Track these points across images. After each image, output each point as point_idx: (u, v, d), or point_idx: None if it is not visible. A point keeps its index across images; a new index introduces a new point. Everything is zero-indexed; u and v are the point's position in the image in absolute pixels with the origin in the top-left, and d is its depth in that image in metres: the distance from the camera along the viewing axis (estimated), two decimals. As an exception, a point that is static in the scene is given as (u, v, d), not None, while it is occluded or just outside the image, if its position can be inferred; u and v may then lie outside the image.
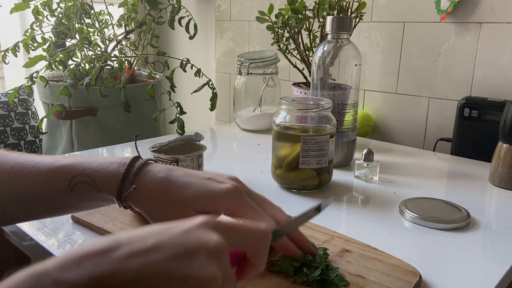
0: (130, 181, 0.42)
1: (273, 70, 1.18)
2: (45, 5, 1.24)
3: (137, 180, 0.42)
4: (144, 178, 0.43)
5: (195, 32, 1.24)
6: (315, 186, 0.73)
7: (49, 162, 0.44)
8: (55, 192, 0.43)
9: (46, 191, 0.43)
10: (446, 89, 1.08)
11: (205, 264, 0.25)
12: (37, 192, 0.43)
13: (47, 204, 0.45)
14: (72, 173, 0.43)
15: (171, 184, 0.42)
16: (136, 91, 1.28)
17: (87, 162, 0.44)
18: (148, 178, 0.43)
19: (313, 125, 0.74)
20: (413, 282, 0.45)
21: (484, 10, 0.99)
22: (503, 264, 0.52)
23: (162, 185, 0.42)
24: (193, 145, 0.80)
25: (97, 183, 0.43)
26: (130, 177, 0.43)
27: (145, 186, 0.42)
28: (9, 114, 1.45)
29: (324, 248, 0.49)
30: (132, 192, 0.42)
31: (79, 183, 0.43)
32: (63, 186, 0.43)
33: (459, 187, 0.79)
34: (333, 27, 0.82)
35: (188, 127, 1.15)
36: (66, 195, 0.43)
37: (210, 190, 0.41)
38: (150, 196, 0.42)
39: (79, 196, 0.43)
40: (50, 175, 0.43)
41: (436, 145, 1.08)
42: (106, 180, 0.43)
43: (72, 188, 0.43)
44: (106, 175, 0.43)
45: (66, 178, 0.43)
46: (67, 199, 0.43)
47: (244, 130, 1.21)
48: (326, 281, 0.44)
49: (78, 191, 0.43)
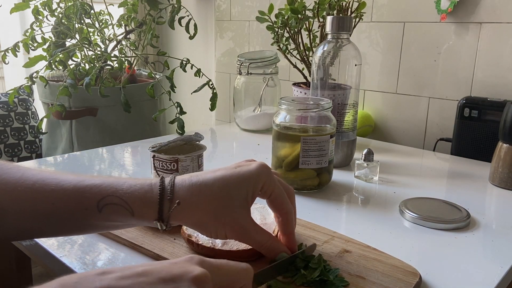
0: (169, 199, 0.42)
1: (273, 70, 1.18)
2: (45, 5, 1.24)
3: (175, 196, 0.42)
4: (182, 192, 0.42)
5: (195, 32, 1.24)
6: (315, 186, 0.73)
7: (76, 181, 0.42)
8: (81, 212, 0.41)
9: (71, 210, 0.41)
10: (446, 89, 1.08)
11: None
12: (61, 210, 0.41)
13: (70, 224, 0.43)
14: (101, 194, 0.41)
15: (208, 184, 0.42)
16: (136, 91, 1.28)
17: (116, 183, 0.42)
18: (185, 191, 0.42)
19: (313, 125, 0.74)
20: (413, 283, 0.45)
21: (484, 10, 0.99)
22: (503, 264, 0.52)
23: (200, 189, 0.42)
24: (193, 145, 0.80)
25: (131, 206, 0.41)
26: (167, 195, 0.42)
27: (186, 199, 0.42)
28: (9, 114, 1.45)
29: (319, 254, 0.48)
30: (175, 210, 0.41)
31: (110, 204, 0.41)
32: (90, 206, 0.41)
33: (459, 187, 0.79)
34: (333, 27, 0.82)
35: (188, 127, 1.15)
36: (93, 215, 0.41)
37: (243, 174, 0.43)
38: (194, 206, 0.42)
39: (107, 217, 0.42)
40: (77, 194, 0.41)
41: (436, 145, 1.08)
42: (142, 203, 0.41)
43: (101, 209, 0.41)
44: (140, 197, 0.42)
45: (94, 198, 0.41)
46: (93, 220, 0.42)
47: (244, 130, 1.21)
48: (325, 282, 0.44)
49: (108, 213, 0.41)
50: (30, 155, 1.49)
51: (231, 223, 0.43)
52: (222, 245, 0.49)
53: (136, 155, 0.96)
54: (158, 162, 0.75)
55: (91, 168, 0.84)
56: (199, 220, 0.42)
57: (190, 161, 0.75)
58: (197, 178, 0.43)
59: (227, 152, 1.04)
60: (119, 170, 0.84)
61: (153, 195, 0.42)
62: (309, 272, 0.45)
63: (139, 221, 0.42)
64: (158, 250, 0.51)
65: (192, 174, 0.44)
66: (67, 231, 0.44)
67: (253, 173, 0.43)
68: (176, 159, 0.74)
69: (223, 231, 0.43)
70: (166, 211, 0.41)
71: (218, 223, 0.43)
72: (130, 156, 0.95)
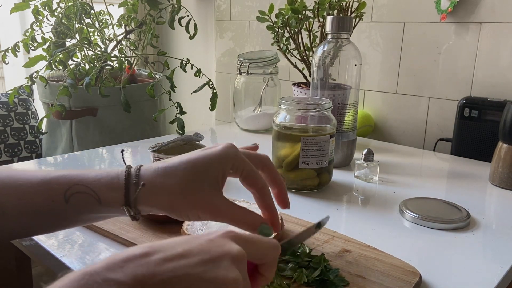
0: (134, 183, 0.41)
1: (273, 70, 1.18)
2: (45, 5, 1.24)
3: (140, 179, 0.42)
4: (147, 175, 0.42)
5: (195, 32, 1.24)
6: (315, 186, 0.73)
7: (42, 175, 0.42)
8: (48, 204, 0.41)
9: (39, 203, 0.41)
10: (446, 89, 1.08)
11: (228, 268, 0.29)
12: (28, 204, 0.41)
13: (40, 218, 0.42)
14: (68, 184, 0.41)
15: (174, 166, 0.42)
16: (136, 91, 1.28)
17: (83, 174, 0.42)
18: (150, 173, 0.42)
19: (313, 125, 0.74)
20: (413, 282, 0.45)
21: (484, 10, 0.99)
22: (503, 264, 0.52)
23: (165, 171, 0.42)
24: (193, 145, 0.80)
25: (97, 193, 0.41)
26: (133, 179, 0.42)
27: (151, 180, 0.42)
28: (9, 114, 1.45)
29: (321, 254, 0.48)
30: (142, 192, 0.41)
31: (76, 193, 0.41)
32: (57, 198, 0.41)
33: (459, 187, 0.79)
34: (333, 27, 0.82)
35: (188, 127, 1.15)
36: (61, 207, 0.41)
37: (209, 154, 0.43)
38: (160, 188, 0.41)
39: (75, 208, 0.41)
40: (43, 186, 0.41)
41: (436, 145, 1.08)
42: (108, 189, 0.41)
43: (67, 199, 0.41)
44: (106, 184, 0.42)
45: (60, 189, 0.41)
46: (62, 212, 0.42)
47: (244, 130, 1.21)
48: (326, 282, 0.44)
49: (75, 203, 0.41)
50: (30, 155, 1.49)
51: (201, 202, 0.42)
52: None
53: (136, 155, 0.96)
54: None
55: (91, 168, 0.84)
56: (168, 202, 0.42)
57: (190, 161, 0.75)
58: (163, 163, 0.43)
59: (227, 152, 1.04)
60: (119, 170, 0.84)
61: (119, 180, 0.42)
62: (310, 271, 0.45)
63: (107, 208, 0.42)
64: (158, 250, 0.51)
65: (159, 162, 0.44)
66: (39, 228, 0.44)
67: (221, 153, 0.43)
68: (176, 159, 0.74)
69: (195, 212, 0.42)
70: (133, 194, 0.41)
71: (187, 204, 0.42)
72: (130, 156, 0.95)
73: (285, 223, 0.58)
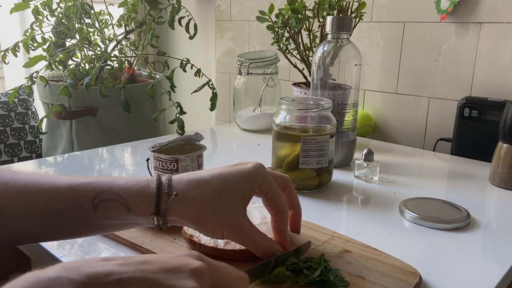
0: (166, 193, 0.41)
1: (273, 70, 1.18)
2: (45, 5, 1.24)
3: (173, 189, 0.42)
4: (179, 186, 0.42)
5: (195, 32, 1.24)
6: (315, 186, 0.73)
7: (70, 180, 0.41)
8: (76, 210, 0.40)
9: (66, 209, 0.40)
10: (446, 89, 1.08)
11: (188, 279, 0.28)
12: (55, 209, 0.40)
13: (65, 225, 0.41)
14: (97, 190, 0.40)
15: (206, 179, 0.43)
16: (136, 91, 1.28)
17: (112, 181, 0.42)
18: (183, 185, 0.42)
19: (313, 125, 0.74)
20: (413, 283, 0.45)
21: (484, 10, 0.99)
22: (503, 264, 0.52)
23: (199, 184, 0.42)
24: (193, 145, 0.80)
25: (127, 201, 0.40)
26: (165, 188, 0.41)
27: (184, 192, 0.42)
28: (9, 114, 1.45)
29: (321, 254, 0.49)
30: (173, 202, 0.41)
31: (106, 200, 0.40)
32: (85, 204, 0.40)
33: (459, 187, 0.79)
34: (333, 27, 0.82)
35: (188, 127, 1.15)
36: (89, 214, 0.40)
37: (241, 172, 0.44)
38: (192, 200, 0.42)
39: (103, 215, 0.41)
40: (71, 192, 0.40)
41: (436, 145, 1.08)
42: (138, 197, 0.41)
43: (96, 206, 0.40)
44: (137, 192, 0.41)
45: (89, 195, 0.40)
46: (89, 219, 0.41)
47: (244, 130, 1.21)
48: (326, 282, 0.44)
49: (104, 210, 0.40)
50: (30, 155, 1.49)
51: (230, 218, 0.43)
52: (225, 244, 0.49)
53: (136, 155, 0.96)
54: (158, 162, 0.75)
55: (91, 168, 0.84)
56: (198, 215, 0.42)
57: (190, 161, 0.75)
58: (195, 175, 0.43)
59: (227, 152, 1.04)
60: (119, 170, 0.84)
61: (150, 189, 0.41)
62: (311, 272, 0.45)
63: (136, 217, 0.41)
64: (158, 250, 0.51)
65: (190, 173, 0.44)
66: (63, 233, 0.43)
67: (251, 172, 0.44)
68: (176, 159, 0.74)
69: (221, 229, 0.43)
70: (164, 204, 0.41)
71: (216, 218, 0.42)
72: (130, 156, 0.95)
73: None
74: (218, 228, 0.43)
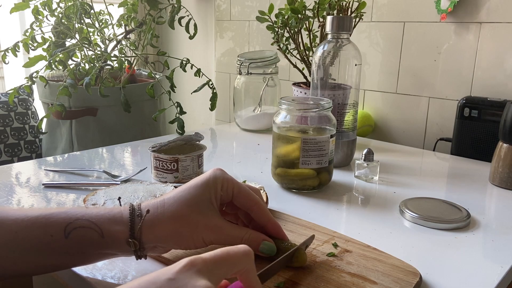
0: (138, 215, 0.42)
1: (273, 70, 1.18)
2: (45, 5, 1.24)
3: (144, 211, 0.42)
4: (148, 207, 0.43)
5: (195, 32, 1.24)
6: (315, 186, 0.73)
7: (41, 210, 0.41)
8: (45, 239, 0.39)
9: (35, 238, 0.39)
10: (446, 89, 1.08)
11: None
12: (24, 238, 0.39)
13: (33, 256, 0.40)
14: (70, 218, 0.40)
15: (170, 197, 0.44)
16: (136, 91, 1.27)
17: (84, 210, 0.42)
18: (152, 205, 0.43)
19: (313, 125, 0.74)
20: (413, 283, 0.45)
21: (484, 10, 0.99)
22: (503, 264, 0.52)
23: (164, 202, 0.43)
24: (193, 145, 0.80)
25: (101, 227, 0.40)
26: (137, 211, 0.42)
27: (154, 210, 0.42)
28: (9, 114, 1.45)
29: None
30: (146, 222, 0.41)
31: (78, 228, 0.40)
32: (56, 233, 0.39)
33: (459, 187, 0.79)
34: (333, 27, 0.82)
35: (188, 127, 1.15)
36: (59, 243, 0.40)
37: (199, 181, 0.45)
38: (163, 217, 0.42)
39: (75, 245, 0.40)
40: (42, 221, 0.40)
41: (436, 145, 1.08)
42: (111, 222, 0.41)
43: (68, 234, 0.40)
44: (110, 218, 0.41)
45: (61, 223, 0.40)
46: (59, 248, 0.40)
47: (244, 130, 1.21)
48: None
49: (76, 238, 0.40)
50: (30, 155, 1.49)
51: (205, 221, 0.43)
52: None
53: (136, 155, 0.96)
54: (158, 162, 0.75)
55: (91, 168, 0.84)
56: (172, 230, 0.42)
57: (190, 161, 0.75)
58: (159, 197, 0.45)
59: (227, 152, 1.04)
60: (119, 170, 0.84)
61: (123, 215, 0.42)
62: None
63: (109, 243, 0.41)
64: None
65: (154, 198, 0.46)
66: (31, 265, 0.41)
67: (209, 176, 0.45)
68: (176, 159, 0.74)
69: (199, 235, 0.43)
70: (137, 226, 0.41)
71: (191, 226, 0.43)
72: (130, 156, 0.95)
73: (285, 223, 0.58)
74: (196, 235, 0.43)
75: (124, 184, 0.68)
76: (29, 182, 0.77)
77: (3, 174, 0.81)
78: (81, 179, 0.78)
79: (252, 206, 0.47)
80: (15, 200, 0.68)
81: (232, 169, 0.88)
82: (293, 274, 0.46)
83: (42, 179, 0.78)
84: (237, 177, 0.72)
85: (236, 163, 0.93)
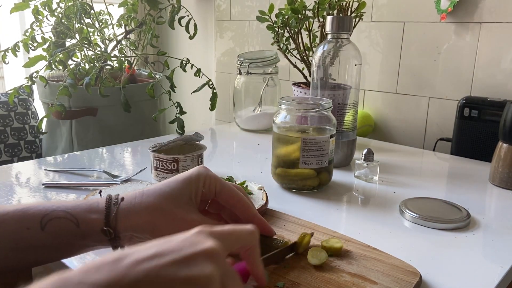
0: (114, 204, 0.42)
1: (273, 70, 1.18)
2: (45, 5, 1.24)
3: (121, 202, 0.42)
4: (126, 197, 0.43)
5: (195, 32, 1.24)
6: (315, 186, 0.73)
7: (19, 205, 0.41)
8: (22, 232, 0.40)
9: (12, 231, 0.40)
10: (446, 89, 1.08)
11: (202, 266, 0.28)
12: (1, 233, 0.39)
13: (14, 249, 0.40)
14: (46, 210, 0.40)
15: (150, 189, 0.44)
16: (136, 91, 1.27)
17: (61, 203, 0.42)
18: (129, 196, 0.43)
19: (313, 125, 0.74)
20: (413, 282, 0.45)
21: (484, 10, 0.99)
22: (503, 264, 0.52)
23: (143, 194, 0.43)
24: (193, 145, 0.80)
25: (76, 217, 0.41)
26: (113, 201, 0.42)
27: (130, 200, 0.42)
28: (9, 114, 1.45)
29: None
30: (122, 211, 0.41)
31: (54, 219, 0.40)
32: (33, 225, 0.40)
33: (459, 187, 0.79)
34: (333, 27, 0.82)
35: (188, 127, 1.15)
36: (36, 236, 0.40)
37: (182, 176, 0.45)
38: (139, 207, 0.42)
39: (51, 236, 0.40)
40: (19, 215, 0.40)
41: (436, 145, 1.08)
42: (87, 212, 0.41)
43: (44, 226, 0.40)
44: (86, 208, 0.41)
45: (37, 216, 0.40)
46: (38, 241, 0.40)
47: (244, 130, 1.21)
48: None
49: (52, 229, 0.40)
50: (30, 155, 1.49)
51: (182, 215, 0.43)
52: None
53: (136, 155, 0.96)
54: (158, 162, 0.75)
55: (91, 168, 0.84)
56: (149, 221, 0.42)
57: (190, 161, 0.75)
58: (140, 190, 0.45)
59: (227, 152, 1.04)
60: (119, 170, 0.84)
61: (99, 204, 0.42)
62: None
63: (85, 233, 0.41)
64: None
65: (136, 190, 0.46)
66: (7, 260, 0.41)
67: (192, 173, 0.45)
68: (176, 159, 0.74)
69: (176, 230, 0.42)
70: (112, 214, 0.41)
71: (168, 219, 0.43)
72: (130, 156, 0.95)
73: (285, 223, 0.58)
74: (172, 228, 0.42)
75: (124, 184, 0.68)
76: (29, 182, 0.77)
77: (3, 174, 0.81)
78: (81, 179, 0.78)
79: (235, 203, 0.47)
80: (15, 200, 0.68)
81: (232, 169, 0.88)
82: (293, 274, 0.46)
83: (42, 179, 0.78)
84: (237, 177, 0.72)
85: (236, 163, 0.93)
